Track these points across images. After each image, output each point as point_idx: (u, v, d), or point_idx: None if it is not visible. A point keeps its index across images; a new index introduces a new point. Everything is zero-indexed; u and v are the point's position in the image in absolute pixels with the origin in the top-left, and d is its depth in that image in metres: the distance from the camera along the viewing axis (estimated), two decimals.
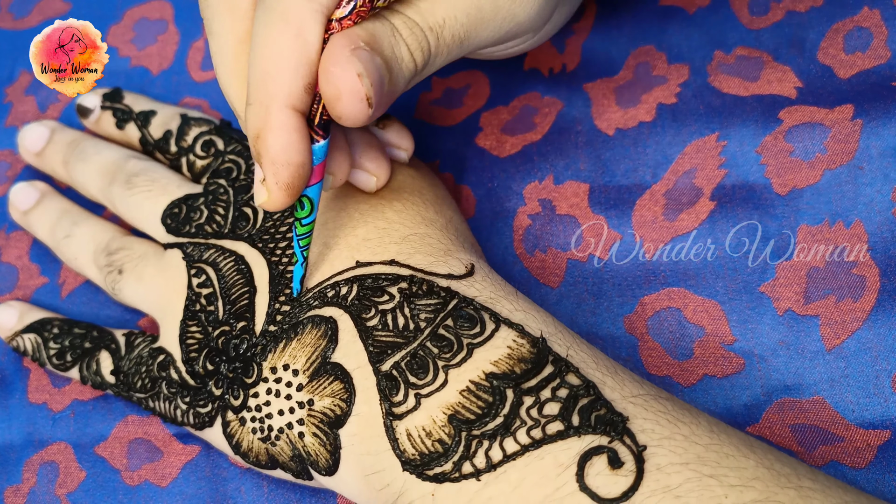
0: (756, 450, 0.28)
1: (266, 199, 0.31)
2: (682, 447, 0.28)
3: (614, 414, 0.29)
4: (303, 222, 0.33)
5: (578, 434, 0.28)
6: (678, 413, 0.29)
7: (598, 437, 0.28)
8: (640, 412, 0.29)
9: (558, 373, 0.30)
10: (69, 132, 0.45)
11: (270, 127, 0.29)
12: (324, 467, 0.33)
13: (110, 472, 0.40)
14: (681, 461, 0.27)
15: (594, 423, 0.29)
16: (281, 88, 0.29)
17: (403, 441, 0.30)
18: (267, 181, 0.30)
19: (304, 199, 0.32)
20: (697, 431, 0.29)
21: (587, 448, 0.28)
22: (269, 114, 0.29)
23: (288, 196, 0.31)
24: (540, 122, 0.42)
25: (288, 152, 0.30)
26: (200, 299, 0.37)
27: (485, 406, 0.30)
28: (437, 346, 0.31)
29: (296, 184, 0.30)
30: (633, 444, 0.28)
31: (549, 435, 0.29)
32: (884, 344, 0.35)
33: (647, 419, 0.29)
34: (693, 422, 0.29)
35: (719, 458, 0.28)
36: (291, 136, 0.30)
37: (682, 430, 0.29)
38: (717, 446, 0.28)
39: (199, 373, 0.36)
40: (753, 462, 0.28)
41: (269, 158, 0.30)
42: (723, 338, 0.36)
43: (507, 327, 0.31)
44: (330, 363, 0.33)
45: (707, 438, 0.28)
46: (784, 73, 0.39)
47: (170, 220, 0.39)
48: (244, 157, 0.40)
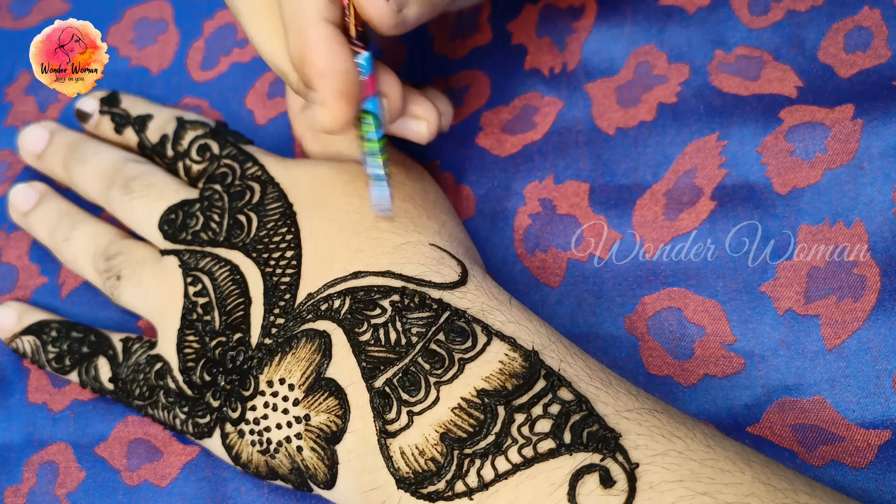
0: (753, 463, 0.28)
1: (328, 118, 0.32)
2: (677, 463, 0.28)
3: (607, 430, 0.28)
4: (370, 137, 0.34)
5: (570, 452, 0.28)
6: (673, 427, 0.29)
7: (591, 454, 0.28)
8: (634, 427, 0.29)
9: (550, 388, 0.30)
10: (69, 134, 0.45)
11: (309, 45, 0.31)
12: (322, 481, 0.33)
13: (110, 473, 0.40)
14: (674, 478, 0.27)
15: (586, 441, 0.28)
16: (309, 6, 0.31)
17: (397, 459, 0.30)
18: (323, 98, 0.31)
19: (365, 116, 0.33)
20: (692, 446, 0.28)
21: (579, 466, 0.28)
22: (305, 33, 0.31)
23: (347, 105, 0.31)
24: (540, 121, 0.42)
25: (331, 60, 0.31)
26: (197, 308, 0.37)
27: (476, 424, 0.30)
28: (428, 362, 0.31)
29: (349, 91, 0.31)
30: (626, 461, 0.28)
31: (541, 454, 0.28)
32: (884, 344, 0.34)
33: (641, 434, 0.28)
34: (688, 435, 0.29)
35: (714, 473, 0.27)
36: (331, 45, 0.31)
37: (677, 445, 0.28)
38: (712, 461, 0.28)
39: (197, 383, 0.36)
40: (750, 477, 0.27)
41: (316, 73, 0.31)
42: (723, 338, 0.36)
43: (500, 340, 0.31)
44: (324, 379, 0.33)
45: (702, 453, 0.28)
46: (785, 73, 0.39)
47: (167, 227, 0.39)
48: (239, 161, 0.39)
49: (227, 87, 0.46)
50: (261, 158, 0.39)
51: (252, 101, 0.46)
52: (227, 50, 0.47)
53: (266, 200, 0.37)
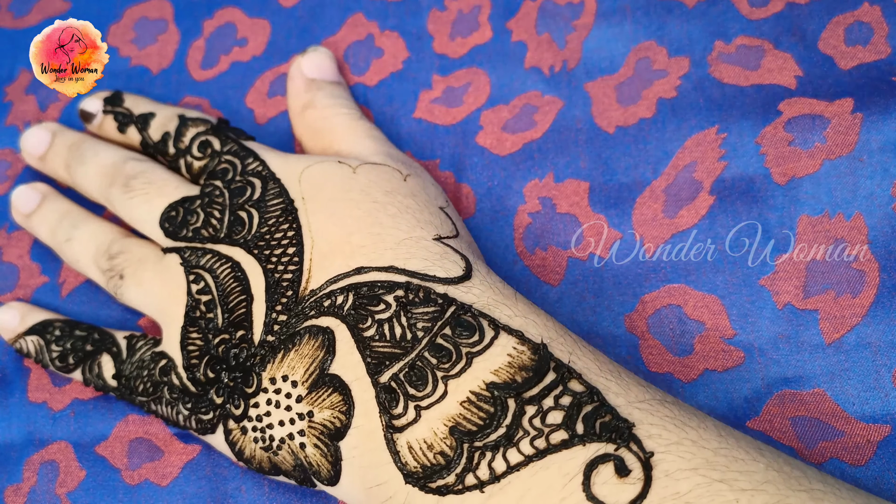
0: (765, 453, 0.28)
1: None
2: (691, 452, 0.27)
3: (620, 420, 0.28)
4: None
5: (583, 442, 0.28)
6: (685, 417, 0.29)
7: (604, 444, 0.28)
8: (647, 417, 0.29)
9: (561, 380, 0.30)
10: (70, 134, 0.45)
11: None
12: (326, 478, 0.33)
13: (110, 472, 0.40)
14: (689, 466, 0.27)
15: (599, 431, 0.28)
16: None
17: (405, 454, 0.30)
18: None
19: None
20: (705, 436, 0.28)
21: (593, 456, 0.28)
22: None
23: None
24: (540, 120, 0.42)
25: None
26: (200, 306, 0.37)
27: (486, 417, 0.29)
28: (435, 357, 0.31)
29: None
30: (640, 450, 0.27)
31: (554, 445, 0.28)
32: (883, 339, 0.34)
33: (654, 424, 0.28)
34: (701, 426, 0.29)
35: (728, 462, 0.27)
36: None
37: (690, 434, 0.28)
38: (726, 450, 0.28)
39: (200, 380, 0.36)
40: (763, 465, 0.27)
41: None
42: (723, 332, 0.36)
43: (507, 334, 0.31)
44: (328, 375, 0.33)
45: (716, 442, 0.28)
46: (785, 61, 0.39)
47: (168, 224, 0.39)
48: (240, 157, 0.39)
49: (227, 86, 0.46)
50: (262, 154, 0.39)
51: (252, 99, 0.46)
52: (228, 49, 0.47)
53: (267, 196, 0.37)
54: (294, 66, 0.43)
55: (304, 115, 0.42)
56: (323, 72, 0.43)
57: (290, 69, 0.43)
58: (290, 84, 0.43)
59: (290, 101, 0.43)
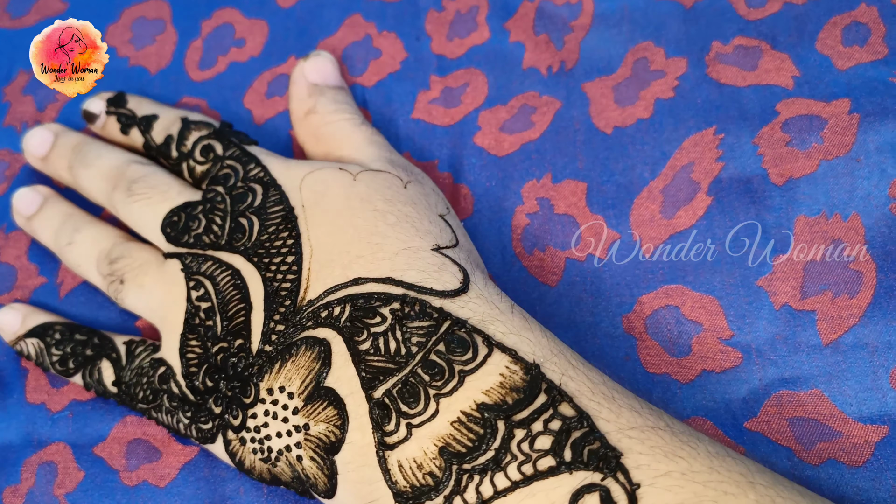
0: (757, 485, 0.28)
1: None
2: (679, 485, 0.27)
3: (608, 448, 0.28)
4: None
5: (570, 470, 0.28)
6: (676, 446, 0.28)
7: (591, 473, 0.28)
8: (636, 446, 0.28)
9: (551, 403, 0.29)
10: (72, 136, 0.44)
11: None
12: (322, 491, 0.33)
13: (109, 473, 0.40)
14: (676, 500, 0.27)
15: (587, 459, 0.28)
16: None
17: (395, 472, 0.30)
18: None
19: None
20: (695, 467, 0.28)
21: (579, 486, 0.27)
22: None
23: None
24: (538, 120, 0.42)
25: None
26: (200, 313, 0.37)
27: (475, 439, 0.29)
28: (428, 374, 0.31)
29: None
30: (627, 481, 0.27)
31: (541, 471, 0.28)
32: (881, 340, 0.34)
33: (643, 454, 0.28)
34: (692, 455, 0.28)
35: (717, 496, 0.27)
36: None
37: (680, 465, 0.28)
38: (715, 483, 0.27)
39: (199, 388, 0.36)
40: (754, 499, 0.27)
41: None
42: (720, 333, 0.36)
43: (500, 352, 0.31)
44: (324, 388, 0.32)
45: (706, 475, 0.27)
46: (782, 62, 0.39)
47: (169, 229, 0.39)
48: (242, 163, 0.39)
49: (225, 87, 0.46)
50: (264, 160, 0.39)
51: (250, 100, 0.46)
52: (225, 49, 0.47)
53: (268, 203, 0.37)
54: (297, 71, 0.43)
55: (307, 120, 0.42)
56: (326, 76, 0.43)
57: (293, 73, 0.43)
58: (292, 88, 0.43)
59: (293, 106, 0.42)
